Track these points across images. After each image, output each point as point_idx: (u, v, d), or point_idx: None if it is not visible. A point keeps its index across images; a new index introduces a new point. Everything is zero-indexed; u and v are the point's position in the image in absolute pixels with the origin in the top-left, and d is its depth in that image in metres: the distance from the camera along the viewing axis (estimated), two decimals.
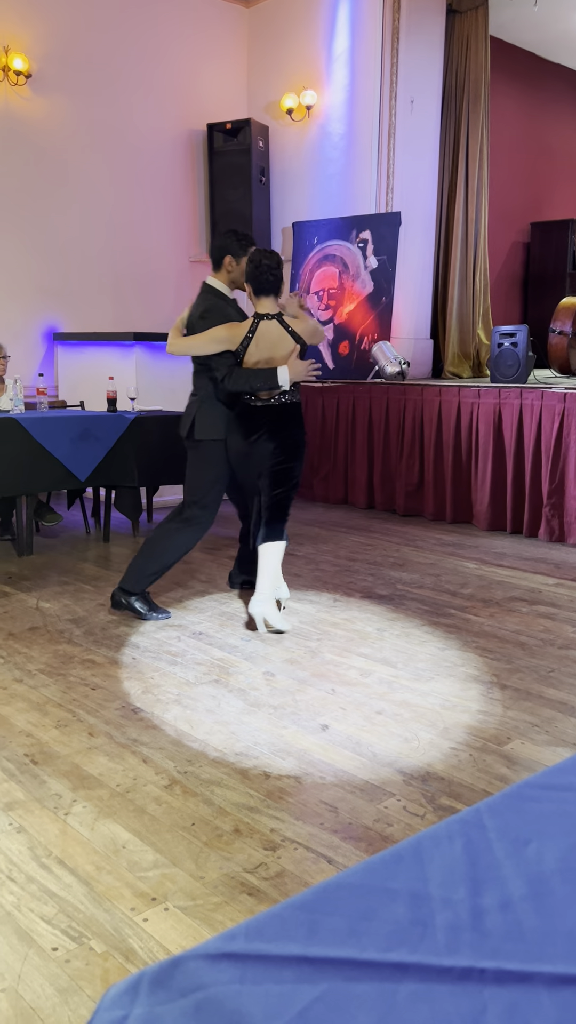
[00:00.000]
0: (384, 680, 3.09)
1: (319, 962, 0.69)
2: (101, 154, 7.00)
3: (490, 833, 0.87)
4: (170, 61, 7.37)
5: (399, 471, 6.24)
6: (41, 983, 1.61)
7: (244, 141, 7.47)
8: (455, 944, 0.73)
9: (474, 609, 3.95)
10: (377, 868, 0.82)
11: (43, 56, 6.55)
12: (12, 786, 2.32)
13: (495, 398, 5.65)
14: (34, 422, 4.75)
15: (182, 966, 0.69)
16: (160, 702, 2.88)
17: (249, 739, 2.61)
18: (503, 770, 2.44)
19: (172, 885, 1.91)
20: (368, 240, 7.07)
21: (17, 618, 3.75)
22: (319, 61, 7.38)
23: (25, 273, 6.64)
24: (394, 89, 7.05)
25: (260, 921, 0.75)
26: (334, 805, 2.24)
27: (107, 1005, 0.66)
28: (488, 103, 7.77)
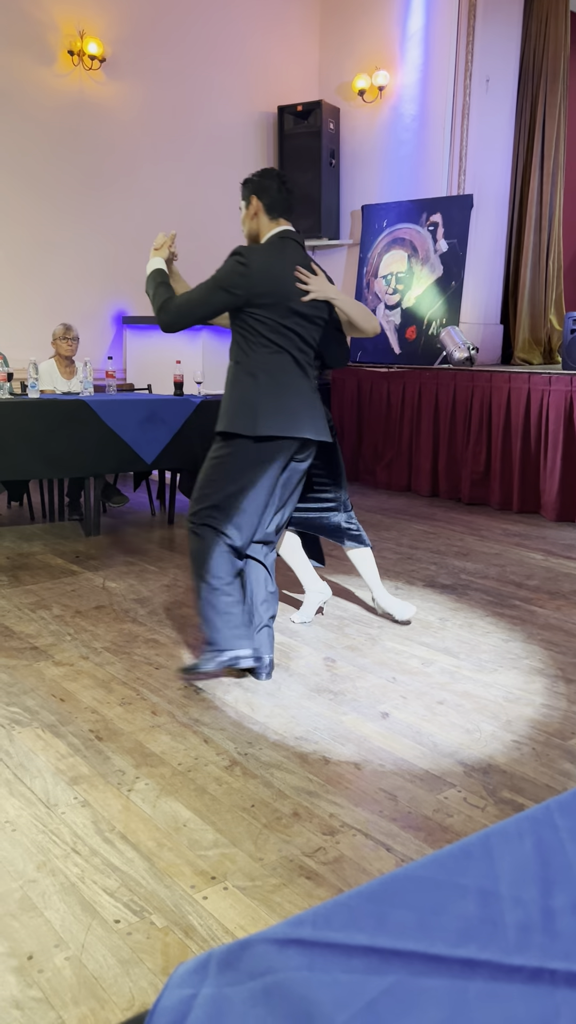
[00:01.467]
0: (446, 670, 3.06)
1: (387, 954, 0.69)
2: (172, 138, 7.03)
3: (562, 833, 0.85)
4: (242, 44, 7.35)
5: (465, 459, 6.15)
6: (104, 953, 1.65)
7: (315, 123, 7.42)
8: (525, 944, 0.71)
9: (540, 601, 3.88)
10: (446, 863, 0.81)
11: (117, 40, 6.60)
12: (77, 760, 2.38)
13: (567, 386, 5.51)
14: (103, 404, 4.82)
15: (251, 949, 0.69)
16: (222, 684, 2.91)
17: (309, 724, 2.62)
18: (566, 766, 2.40)
19: (231, 865, 1.93)
20: (438, 223, 6.96)
21: (84, 596, 3.83)
22: (392, 40, 7.27)
23: (96, 257, 6.73)
24: (469, 68, 6.90)
25: (328, 909, 0.75)
26: (393, 793, 2.24)
27: (176, 982, 0.67)
28: (567, 82, 7.55)
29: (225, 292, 2.77)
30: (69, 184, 6.54)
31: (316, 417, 2.92)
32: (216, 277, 2.80)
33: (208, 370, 5.95)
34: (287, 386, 2.85)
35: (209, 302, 2.80)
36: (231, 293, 2.77)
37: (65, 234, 6.57)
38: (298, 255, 2.89)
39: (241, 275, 2.75)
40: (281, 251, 2.85)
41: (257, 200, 2.88)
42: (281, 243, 2.87)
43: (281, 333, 2.83)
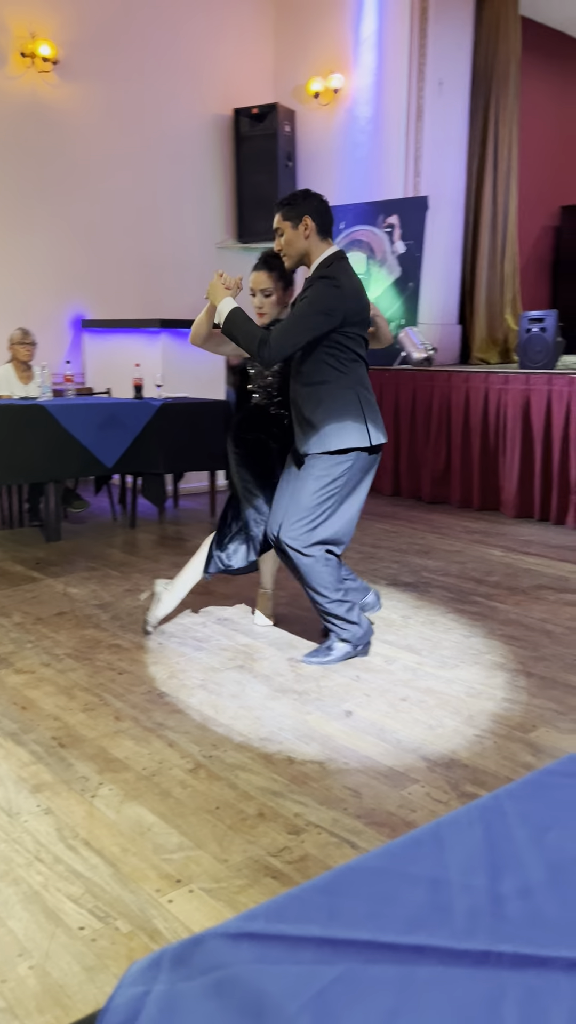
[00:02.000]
0: (408, 667, 3.09)
1: (338, 944, 0.70)
2: (128, 140, 7.00)
3: (510, 819, 0.87)
4: (197, 47, 7.34)
5: (425, 458, 6.21)
6: (68, 961, 1.64)
7: (271, 126, 7.43)
8: (474, 929, 0.73)
9: (500, 597, 3.93)
10: (397, 852, 0.83)
11: (69, 42, 6.55)
12: (40, 768, 2.36)
13: (523, 384, 5.59)
14: (61, 409, 4.78)
15: (203, 944, 0.70)
16: (185, 687, 2.90)
17: (274, 724, 2.62)
18: (528, 758, 2.44)
19: (196, 867, 1.93)
20: (395, 225, 7.01)
21: (45, 603, 3.80)
22: (346, 44, 7.31)
23: (52, 260, 6.67)
24: (422, 71, 6.97)
25: (280, 902, 0.75)
26: (358, 791, 2.25)
27: (129, 981, 0.67)
28: (518, 85, 7.65)
29: (325, 316, 2.87)
30: (23, 187, 6.48)
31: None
32: (312, 302, 2.88)
33: (168, 373, 5.93)
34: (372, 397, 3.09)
35: (311, 328, 2.88)
36: (331, 316, 2.87)
37: (20, 238, 6.51)
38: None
39: (337, 297, 2.87)
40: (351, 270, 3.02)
41: (312, 221, 2.96)
42: (347, 263, 3.01)
43: (363, 347, 3.04)
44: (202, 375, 6.31)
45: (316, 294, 2.87)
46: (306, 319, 2.86)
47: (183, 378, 6.10)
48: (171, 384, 5.92)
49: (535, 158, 8.83)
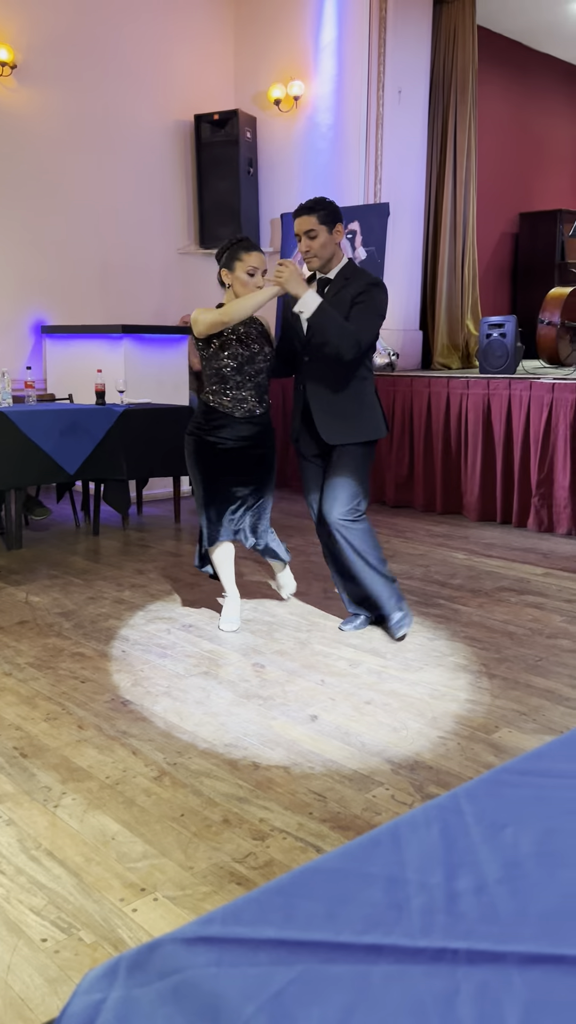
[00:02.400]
0: (373, 670, 3.10)
1: (295, 945, 0.70)
2: (88, 146, 6.96)
3: (467, 818, 0.88)
4: (157, 52, 7.34)
5: (389, 463, 6.25)
6: (30, 973, 1.62)
7: (232, 132, 7.45)
8: (430, 926, 0.74)
9: (463, 599, 3.97)
10: (355, 853, 0.83)
11: (28, 47, 6.50)
12: (1, 779, 2.32)
13: (484, 389, 5.66)
14: (22, 415, 4.74)
15: (159, 950, 0.69)
16: (150, 694, 2.88)
17: (238, 730, 2.62)
18: (491, 759, 2.46)
19: (161, 875, 1.92)
20: (356, 231, 7.06)
21: (6, 612, 3.75)
22: (306, 51, 7.36)
23: (12, 266, 6.60)
24: (381, 79, 7.04)
25: (237, 905, 0.75)
26: (322, 795, 2.26)
27: (85, 988, 0.67)
28: (476, 93, 7.76)
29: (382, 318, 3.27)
30: None
31: None
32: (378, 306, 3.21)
33: (131, 378, 5.90)
34: None
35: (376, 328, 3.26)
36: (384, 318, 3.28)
37: None
38: None
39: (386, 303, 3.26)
40: None
41: (340, 228, 3.25)
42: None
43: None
44: (165, 380, 6.29)
45: (378, 298, 3.22)
46: (375, 321, 3.22)
47: (146, 384, 6.07)
48: (134, 390, 5.89)
49: (494, 166, 8.96)
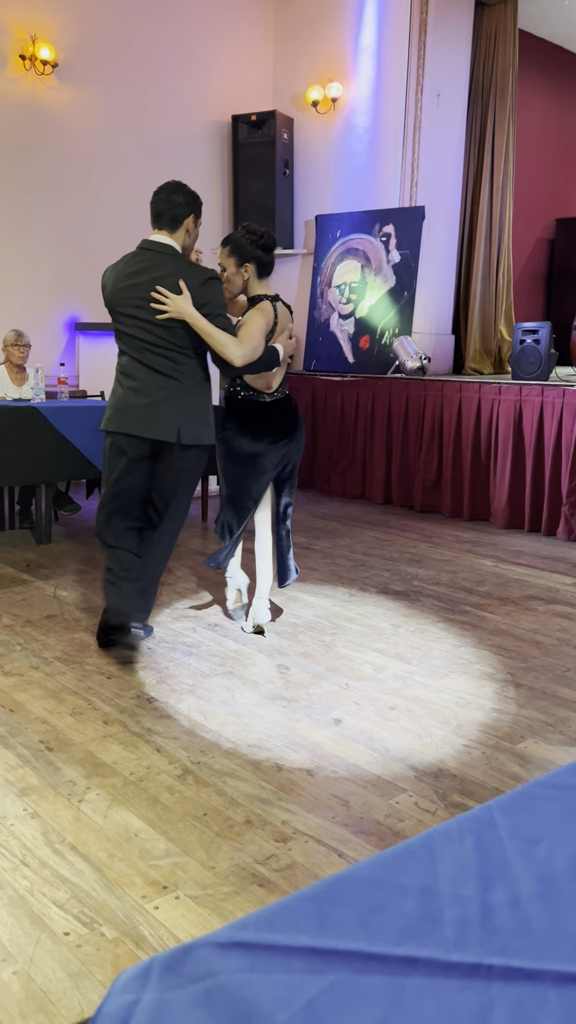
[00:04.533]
0: (398, 676, 3.09)
1: (328, 954, 0.70)
2: (126, 145, 7.01)
3: (501, 831, 0.87)
4: (196, 52, 7.37)
5: (417, 467, 6.22)
6: (52, 967, 1.63)
7: (269, 133, 7.46)
8: (464, 940, 0.73)
9: (490, 607, 3.94)
10: (388, 863, 0.83)
11: (69, 46, 6.56)
12: (27, 772, 2.34)
13: (516, 395, 5.62)
14: (54, 411, 4.78)
15: (193, 953, 0.70)
16: (174, 692, 2.90)
17: (262, 731, 2.62)
18: (516, 768, 2.44)
19: (183, 874, 1.92)
20: (391, 234, 7.04)
21: (35, 606, 3.79)
22: (345, 53, 7.35)
23: (48, 263, 6.67)
24: (420, 82, 7.01)
25: (270, 912, 0.75)
26: (345, 799, 2.25)
27: (118, 989, 0.67)
28: (515, 97, 7.71)
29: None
30: (20, 190, 6.48)
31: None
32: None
33: None
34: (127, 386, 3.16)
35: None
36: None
37: (16, 240, 6.50)
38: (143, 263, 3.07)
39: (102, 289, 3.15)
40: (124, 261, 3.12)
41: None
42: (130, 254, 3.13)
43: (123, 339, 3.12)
44: None
45: None
46: None
47: None
48: None
49: (531, 170, 8.89)
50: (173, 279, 3.02)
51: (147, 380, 3.05)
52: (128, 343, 3.08)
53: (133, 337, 3.06)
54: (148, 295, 3.00)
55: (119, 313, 3.07)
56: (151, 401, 3.05)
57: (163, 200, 3.10)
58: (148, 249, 3.08)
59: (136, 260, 3.08)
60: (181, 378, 3.08)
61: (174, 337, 3.04)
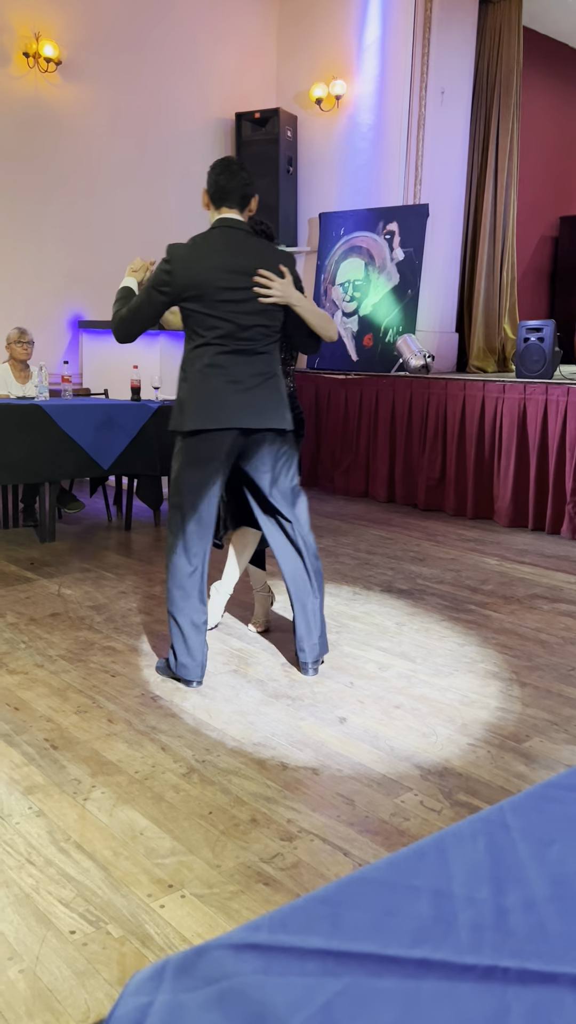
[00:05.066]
0: (403, 674, 3.09)
1: (342, 956, 0.69)
2: (129, 142, 7.00)
3: (514, 833, 0.87)
4: (200, 50, 7.36)
5: (421, 465, 6.21)
6: (58, 965, 1.63)
7: (272, 131, 7.45)
8: (478, 943, 0.73)
9: (495, 605, 3.93)
10: (400, 865, 0.82)
11: (73, 43, 6.55)
12: (32, 770, 2.34)
13: (520, 393, 5.61)
14: (58, 409, 4.77)
15: (207, 955, 0.69)
16: (179, 691, 2.89)
17: (267, 730, 2.62)
18: (521, 768, 2.44)
19: (189, 873, 1.92)
20: (395, 232, 7.03)
21: (39, 604, 3.79)
22: (349, 51, 7.34)
23: (52, 260, 6.66)
24: (424, 80, 7.00)
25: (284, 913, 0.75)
26: (351, 798, 2.25)
27: (132, 991, 0.67)
28: (520, 95, 7.69)
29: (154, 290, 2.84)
30: (23, 187, 6.47)
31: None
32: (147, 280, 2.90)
33: (166, 375, 5.93)
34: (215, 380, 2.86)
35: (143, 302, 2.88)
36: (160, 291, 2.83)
37: (20, 238, 6.50)
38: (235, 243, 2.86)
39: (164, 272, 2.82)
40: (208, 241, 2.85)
41: (205, 192, 2.93)
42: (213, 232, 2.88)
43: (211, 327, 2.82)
44: None
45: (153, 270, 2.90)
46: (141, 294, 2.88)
47: None
48: (169, 386, 5.91)
49: (535, 168, 8.87)
50: (273, 262, 2.87)
51: (243, 368, 2.85)
52: (218, 328, 2.81)
53: (228, 322, 2.80)
54: (248, 278, 2.81)
55: (212, 300, 2.79)
56: (249, 388, 2.86)
57: (232, 176, 2.88)
58: (234, 228, 2.87)
59: (224, 240, 2.85)
60: (271, 364, 2.93)
61: (270, 321, 2.87)
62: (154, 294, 2.83)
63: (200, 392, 2.83)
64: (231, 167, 2.90)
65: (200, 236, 2.88)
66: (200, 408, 2.82)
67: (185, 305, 2.82)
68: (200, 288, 2.78)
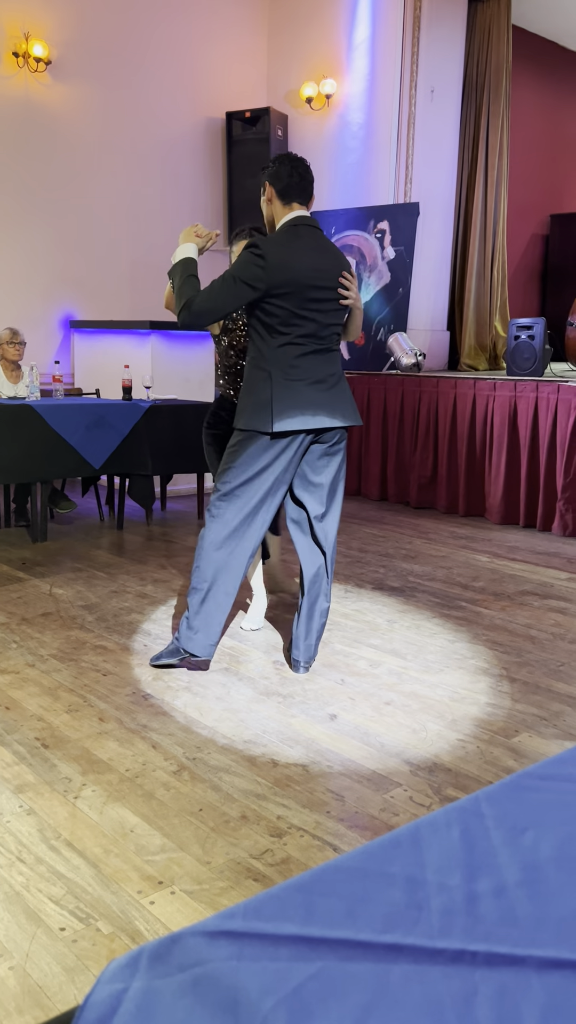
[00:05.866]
0: (393, 671, 3.10)
1: (315, 942, 0.70)
2: (120, 142, 7.00)
3: (488, 821, 0.88)
4: (190, 49, 7.36)
5: (413, 463, 6.23)
6: (48, 962, 1.64)
7: (263, 130, 7.46)
8: (449, 928, 0.74)
9: (485, 602, 3.95)
10: (375, 853, 0.83)
11: (63, 43, 6.55)
12: (23, 769, 2.35)
13: (511, 391, 5.63)
14: (49, 409, 4.78)
15: (181, 942, 0.70)
16: (170, 689, 2.90)
17: (258, 727, 2.63)
18: (510, 763, 2.45)
19: (179, 869, 1.93)
20: (386, 230, 7.04)
21: (30, 603, 3.79)
22: (339, 50, 7.35)
23: (43, 260, 6.66)
24: (414, 79, 7.01)
25: (258, 901, 0.76)
26: (340, 794, 2.26)
27: (107, 978, 0.68)
28: (509, 93, 7.71)
29: (246, 285, 2.76)
30: (14, 187, 6.47)
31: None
32: (234, 269, 2.80)
33: (157, 374, 5.93)
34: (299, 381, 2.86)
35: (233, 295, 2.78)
36: (252, 286, 2.76)
37: (11, 238, 6.50)
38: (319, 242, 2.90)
39: (258, 266, 2.75)
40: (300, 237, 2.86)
41: (270, 186, 2.92)
42: (301, 229, 2.88)
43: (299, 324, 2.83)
44: (191, 377, 6.31)
45: (238, 261, 2.80)
46: (225, 285, 2.77)
47: (172, 380, 6.10)
48: (160, 386, 5.92)
49: (525, 167, 8.90)
50: (345, 264, 2.95)
51: (320, 367, 2.89)
52: (302, 327, 2.82)
53: (312, 322, 2.83)
54: (333, 279, 2.86)
55: (305, 298, 2.80)
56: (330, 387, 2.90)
57: (306, 173, 2.91)
58: (315, 227, 2.92)
59: (313, 240, 2.88)
60: (338, 362, 2.99)
61: (341, 321, 2.95)
62: (243, 288, 2.76)
63: (287, 392, 2.82)
64: (303, 163, 2.93)
65: (287, 233, 2.86)
66: (288, 409, 2.81)
67: (273, 302, 2.79)
68: (293, 286, 2.78)
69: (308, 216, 2.93)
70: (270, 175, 2.91)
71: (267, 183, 2.92)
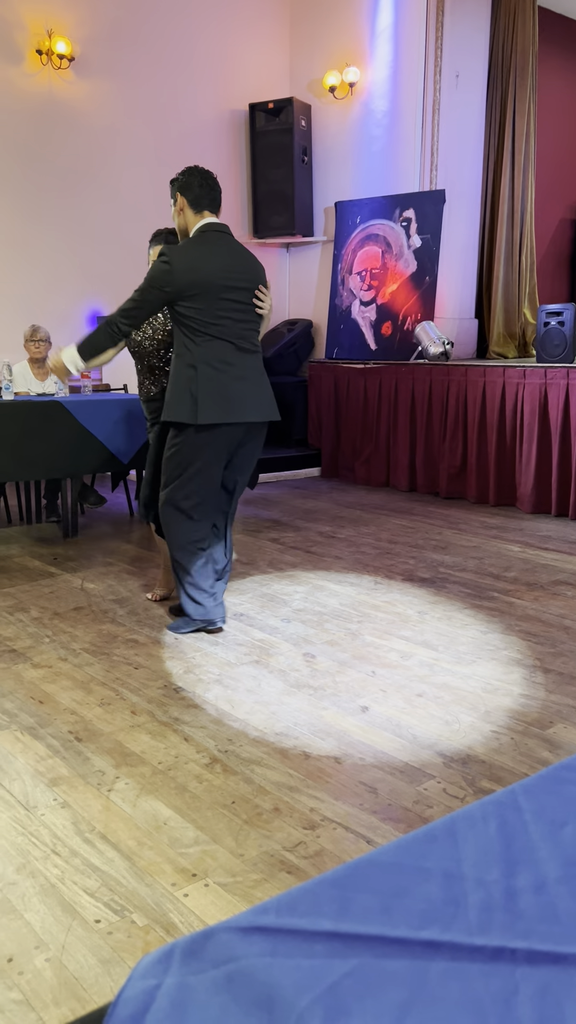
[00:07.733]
0: (425, 663, 3.08)
1: (350, 938, 0.69)
2: (143, 136, 7.00)
3: (525, 815, 0.86)
4: (212, 41, 7.34)
5: (442, 453, 6.18)
6: (84, 954, 1.65)
7: (286, 120, 7.42)
8: (487, 924, 0.72)
9: (518, 593, 3.91)
10: (410, 847, 0.82)
11: (85, 39, 6.56)
12: (57, 762, 2.37)
13: (541, 378, 5.55)
14: (78, 405, 4.80)
15: (214, 937, 0.70)
16: (201, 682, 2.91)
17: (289, 719, 2.62)
18: (545, 754, 2.42)
19: (212, 862, 1.93)
20: (412, 219, 6.98)
21: (62, 598, 3.82)
22: (362, 37, 7.28)
23: (68, 257, 6.69)
24: (439, 64, 6.93)
25: (292, 896, 0.75)
26: (373, 786, 2.25)
27: (140, 973, 0.67)
28: (536, 77, 7.59)
29: (157, 291, 3.02)
30: (39, 184, 6.50)
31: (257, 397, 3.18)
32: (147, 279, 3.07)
33: None
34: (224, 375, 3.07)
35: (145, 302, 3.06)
36: (162, 291, 3.02)
37: (37, 234, 6.53)
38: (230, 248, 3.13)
39: (166, 272, 3.01)
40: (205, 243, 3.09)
41: (182, 197, 3.13)
42: (207, 235, 3.11)
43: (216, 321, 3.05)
44: None
45: (150, 270, 3.07)
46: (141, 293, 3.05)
47: None
48: None
49: (553, 151, 8.75)
50: (260, 268, 3.20)
51: (246, 363, 3.11)
52: (225, 328, 3.05)
53: (233, 320, 3.07)
54: (247, 280, 3.10)
55: (220, 298, 3.03)
56: (254, 383, 3.14)
57: (214, 184, 3.15)
58: (225, 232, 3.15)
59: (224, 244, 3.12)
60: (259, 358, 3.21)
61: (257, 319, 3.18)
62: (156, 293, 3.02)
63: (214, 386, 3.03)
64: (211, 175, 3.17)
65: (197, 239, 3.10)
66: (215, 402, 3.02)
67: (186, 304, 3.03)
68: (202, 287, 3.01)
69: (219, 223, 3.15)
70: (181, 186, 3.12)
71: (178, 194, 3.12)
